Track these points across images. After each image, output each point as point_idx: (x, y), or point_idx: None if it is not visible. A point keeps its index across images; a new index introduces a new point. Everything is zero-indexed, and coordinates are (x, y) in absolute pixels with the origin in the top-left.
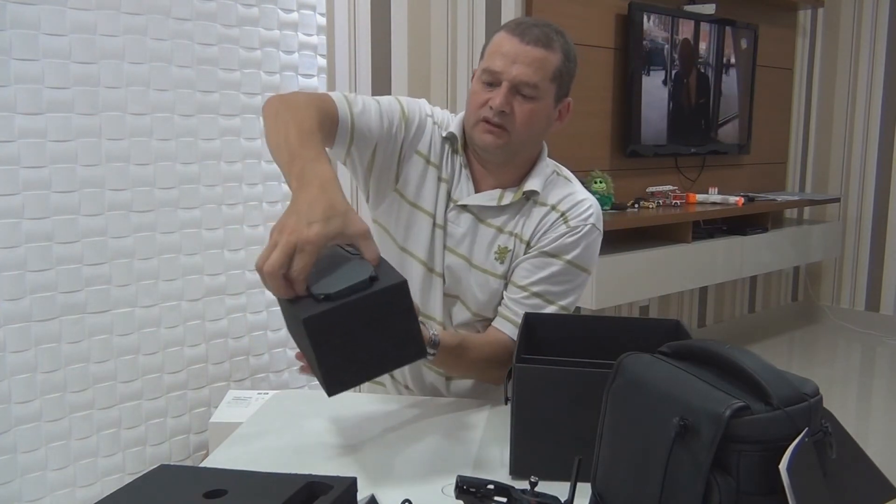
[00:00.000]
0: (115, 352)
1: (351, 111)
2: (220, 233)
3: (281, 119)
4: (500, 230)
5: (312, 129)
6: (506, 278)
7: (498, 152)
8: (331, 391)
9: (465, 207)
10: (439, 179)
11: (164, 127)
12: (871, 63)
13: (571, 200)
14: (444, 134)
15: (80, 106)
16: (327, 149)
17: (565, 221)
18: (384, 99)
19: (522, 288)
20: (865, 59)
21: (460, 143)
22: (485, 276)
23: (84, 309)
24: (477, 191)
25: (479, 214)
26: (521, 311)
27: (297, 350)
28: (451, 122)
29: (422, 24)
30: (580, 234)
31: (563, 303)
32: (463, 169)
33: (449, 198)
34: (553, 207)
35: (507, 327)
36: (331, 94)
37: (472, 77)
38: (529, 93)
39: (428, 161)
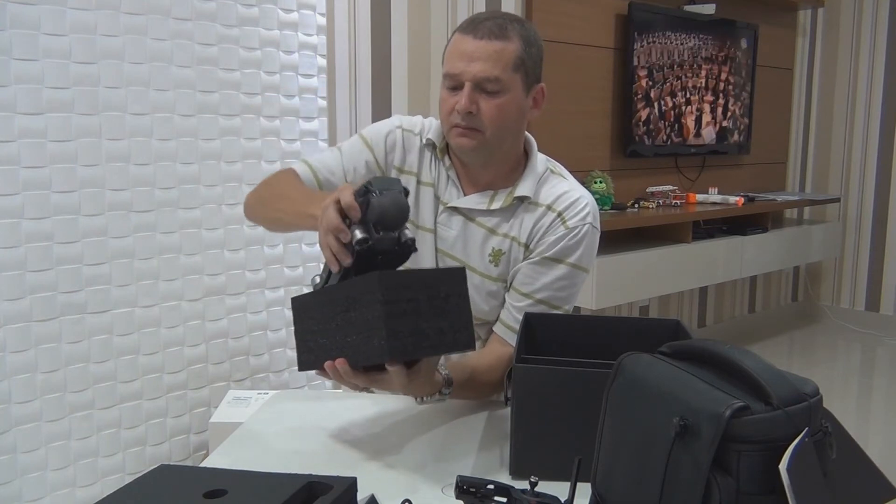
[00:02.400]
0: (115, 352)
1: (316, 178)
2: (220, 233)
3: (272, 196)
4: (492, 231)
5: (306, 188)
6: (503, 281)
7: (476, 154)
8: (393, 354)
9: (455, 209)
10: (419, 184)
11: (164, 127)
12: (871, 63)
13: (567, 199)
14: (423, 141)
15: (80, 106)
16: None
17: (563, 223)
18: (346, 144)
19: (526, 295)
20: (865, 59)
21: (439, 148)
22: (481, 279)
23: (84, 309)
24: (466, 191)
25: (469, 215)
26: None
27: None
28: (430, 126)
29: (422, 24)
30: (580, 235)
31: (567, 307)
32: (449, 172)
33: (436, 201)
34: (549, 207)
35: (513, 339)
36: (292, 167)
37: None
38: (493, 87)
39: (401, 171)
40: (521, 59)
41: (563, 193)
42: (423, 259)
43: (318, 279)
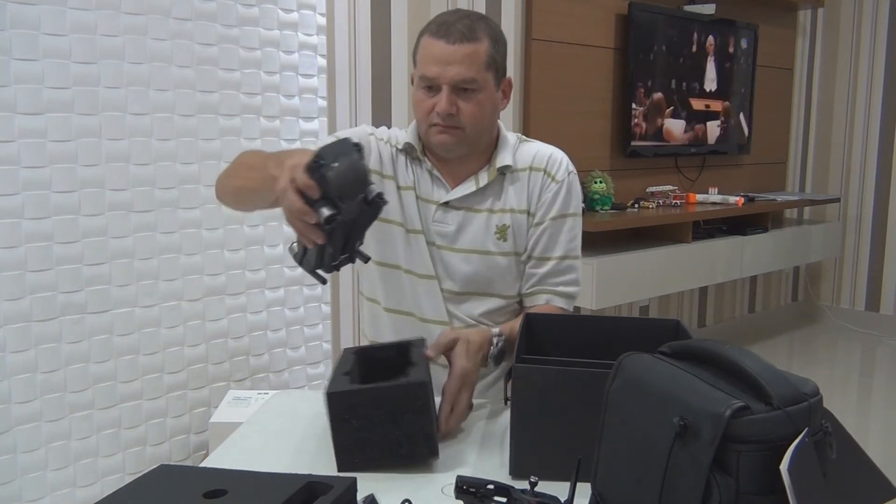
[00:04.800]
0: (115, 352)
1: None
2: (220, 233)
3: (237, 166)
4: (490, 211)
5: (269, 153)
6: (515, 254)
7: (456, 148)
8: (341, 468)
9: (447, 205)
10: (399, 188)
11: (164, 127)
12: (871, 63)
13: (543, 156)
14: (399, 146)
15: (80, 106)
16: None
17: (552, 179)
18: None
19: (547, 259)
20: (865, 59)
21: (419, 150)
22: (493, 259)
23: (84, 309)
24: (451, 185)
25: (464, 204)
26: (561, 279)
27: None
28: (396, 135)
29: (422, 24)
30: (568, 184)
31: (579, 254)
32: (432, 172)
33: (419, 202)
34: (531, 168)
35: (560, 301)
36: None
37: (412, 81)
38: (470, 87)
39: (382, 175)
40: (492, 58)
41: (536, 153)
42: (418, 260)
43: (296, 246)
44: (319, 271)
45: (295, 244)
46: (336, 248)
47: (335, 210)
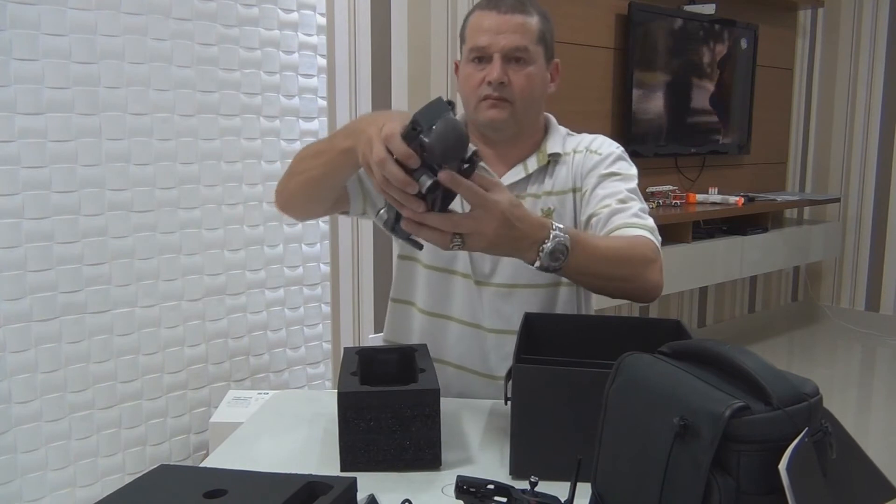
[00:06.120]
0: (115, 352)
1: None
2: (220, 233)
3: (297, 163)
4: (536, 197)
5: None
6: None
7: (506, 125)
8: (344, 467)
9: None
10: None
11: (164, 127)
12: (871, 63)
13: (587, 139)
14: None
15: (80, 106)
16: (346, 212)
17: (595, 153)
18: None
19: (608, 206)
20: (865, 59)
21: None
22: None
23: (84, 309)
24: (500, 172)
25: (513, 192)
26: (628, 211)
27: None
28: None
29: (422, 24)
30: (616, 156)
31: (644, 205)
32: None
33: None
34: (575, 151)
35: (636, 230)
36: None
37: (456, 69)
38: (522, 57)
39: None
40: (543, 33)
41: (581, 139)
42: (457, 256)
43: (384, 213)
44: (414, 237)
45: (383, 211)
46: (437, 211)
47: (436, 177)
